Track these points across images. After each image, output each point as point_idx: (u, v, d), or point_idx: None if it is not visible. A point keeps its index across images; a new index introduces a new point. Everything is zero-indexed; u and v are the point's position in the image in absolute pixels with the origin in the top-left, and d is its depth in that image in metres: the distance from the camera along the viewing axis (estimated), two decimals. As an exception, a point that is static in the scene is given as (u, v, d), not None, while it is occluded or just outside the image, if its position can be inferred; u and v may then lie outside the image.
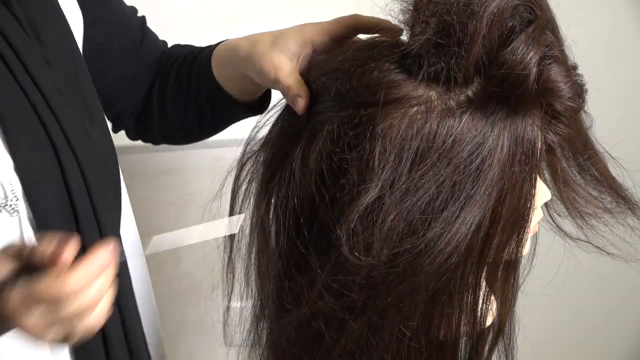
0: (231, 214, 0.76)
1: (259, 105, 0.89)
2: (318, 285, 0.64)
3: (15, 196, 0.69)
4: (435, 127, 0.59)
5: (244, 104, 0.88)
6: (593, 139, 0.69)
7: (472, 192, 0.59)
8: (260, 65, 0.74)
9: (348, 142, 0.61)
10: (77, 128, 0.76)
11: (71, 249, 0.61)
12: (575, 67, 0.63)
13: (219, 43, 0.88)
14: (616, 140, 0.70)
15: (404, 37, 0.65)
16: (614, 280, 1.20)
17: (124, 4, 0.93)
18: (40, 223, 0.71)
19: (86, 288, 0.60)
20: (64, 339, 0.62)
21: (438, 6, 0.58)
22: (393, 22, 0.65)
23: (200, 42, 0.93)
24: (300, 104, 0.68)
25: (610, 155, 0.70)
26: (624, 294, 1.39)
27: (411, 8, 0.61)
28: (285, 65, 0.72)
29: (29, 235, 0.70)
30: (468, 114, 0.59)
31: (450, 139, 0.59)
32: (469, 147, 0.59)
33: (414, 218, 0.60)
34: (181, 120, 0.94)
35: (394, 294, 0.61)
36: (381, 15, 0.66)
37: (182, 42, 0.97)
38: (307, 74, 0.71)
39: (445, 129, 0.59)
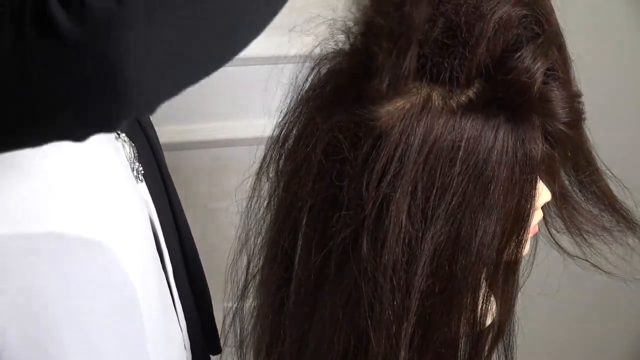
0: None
1: None
2: (325, 285, 0.64)
3: (140, 164, 0.70)
4: (435, 126, 0.59)
5: None
6: (595, 155, 0.68)
7: (480, 195, 0.59)
8: None
9: (347, 138, 0.61)
10: None
11: None
12: (578, 95, 0.62)
13: None
14: (617, 158, 0.70)
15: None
16: (614, 280, 1.20)
17: None
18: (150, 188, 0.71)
19: None
20: None
21: (447, 6, 0.58)
22: None
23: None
24: None
25: (611, 173, 0.70)
26: (624, 294, 1.39)
27: None
28: None
29: (149, 200, 0.70)
30: (469, 114, 0.59)
31: (451, 139, 0.59)
32: (470, 148, 0.59)
33: (417, 220, 0.60)
34: None
35: (397, 296, 0.61)
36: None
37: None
38: None
39: (446, 128, 0.59)
